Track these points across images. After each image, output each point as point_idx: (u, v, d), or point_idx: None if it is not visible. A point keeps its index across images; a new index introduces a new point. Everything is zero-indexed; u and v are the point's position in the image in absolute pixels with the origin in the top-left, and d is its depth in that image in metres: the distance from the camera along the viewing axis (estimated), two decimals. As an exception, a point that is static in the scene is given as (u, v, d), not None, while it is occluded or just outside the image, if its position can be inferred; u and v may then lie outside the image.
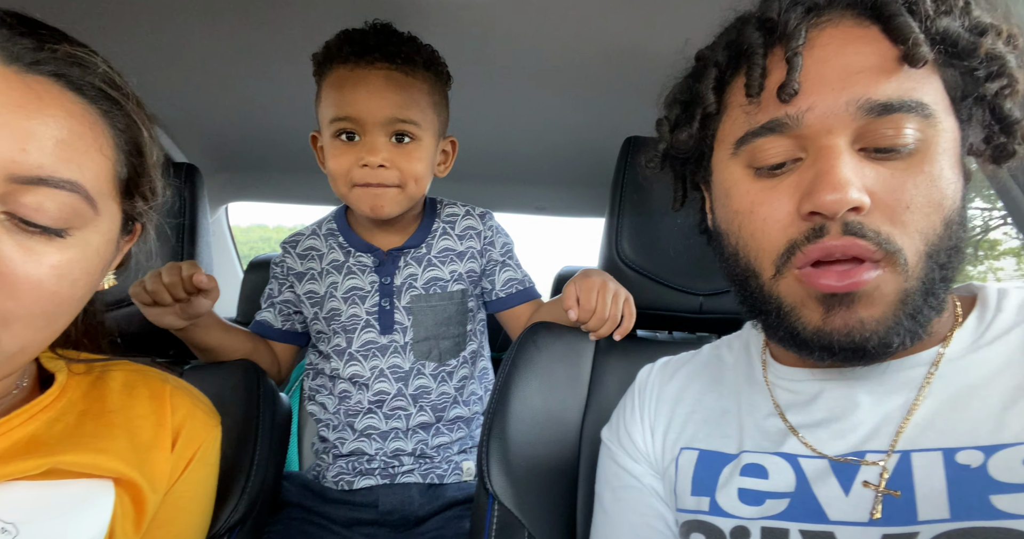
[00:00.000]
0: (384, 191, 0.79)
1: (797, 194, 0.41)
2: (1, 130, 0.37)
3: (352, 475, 0.87)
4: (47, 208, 0.39)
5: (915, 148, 0.39)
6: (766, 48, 0.43)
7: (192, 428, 0.55)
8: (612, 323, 0.71)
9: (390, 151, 0.78)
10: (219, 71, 0.99)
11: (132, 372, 0.55)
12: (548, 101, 1.09)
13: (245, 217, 3.89)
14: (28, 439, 0.45)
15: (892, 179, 0.40)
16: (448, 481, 0.88)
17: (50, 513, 0.44)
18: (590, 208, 1.68)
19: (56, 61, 0.41)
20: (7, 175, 0.37)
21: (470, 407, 0.92)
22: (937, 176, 0.39)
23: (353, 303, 0.87)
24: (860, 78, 0.40)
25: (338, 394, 0.89)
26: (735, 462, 0.48)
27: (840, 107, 0.40)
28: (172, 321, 0.73)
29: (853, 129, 0.40)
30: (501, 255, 0.90)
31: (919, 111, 0.39)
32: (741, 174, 0.45)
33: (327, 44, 0.79)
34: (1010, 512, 0.35)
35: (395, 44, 0.77)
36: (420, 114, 0.79)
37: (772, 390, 0.50)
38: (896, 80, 0.39)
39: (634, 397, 0.60)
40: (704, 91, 0.47)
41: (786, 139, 0.42)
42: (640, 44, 0.87)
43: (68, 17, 0.46)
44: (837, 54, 0.41)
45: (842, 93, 0.40)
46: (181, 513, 0.54)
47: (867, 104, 0.39)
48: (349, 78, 0.76)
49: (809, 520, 0.41)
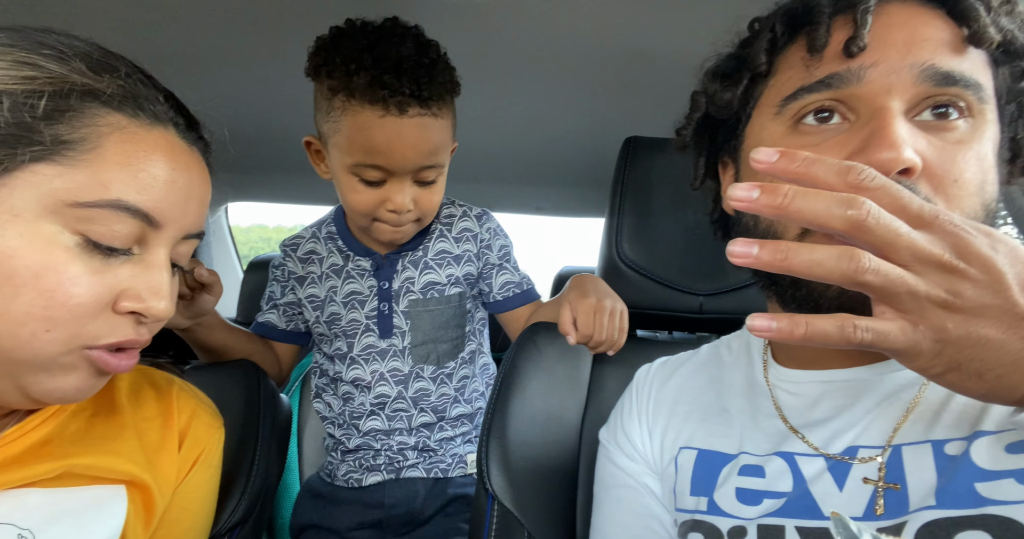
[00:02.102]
0: (406, 227, 0.80)
1: (843, 153, 0.40)
2: (193, 201, 0.47)
3: (360, 472, 0.89)
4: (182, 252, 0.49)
5: (967, 129, 0.39)
6: (834, 10, 0.42)
7: (197, 430, 0.56)
8: (608, 344, 0.69)
9: (415, 194, 0.76)
10: (219, 72, 0.99)
11: (137, 373, 0.56)
12: (548, 101, 1.09)
13: (245, 217, 3.89)
14: (42, 443, 0.45)
15: (943, 150, 0.39)
16: (452, 475, 0.89)
17: (65, 519, 0.44)
18: (590, 208, 1.68)
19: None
20: (185, 233, 0.47)
21: (472, 404, 0.93)
22: (984, 158, 0.40)
23: (353, 307, 0.88)
24: (927, 45, 0.39)
25: (342, 395, 0.90)
26: (734, 462, 0.48)
27: (904, 68, 0.39)
28: (176, 320, 0.73)
29: (912, 94, 0.39)
30: (499, 258, 0.90)
31: (977, 91, 0.39)
32: (782, 132, 0.44)
33: (346, 71, 0.69)
34: (993, 498, 0.35)
35: (427, 83, 0.69)
36: (445, 153, 0.77)
37: (773, 391, 0.49)
38: (961, 57, 0.40)
39: (632, 397, 0.60)
40: (756, 52, 0.46)
41: (839, 99, 0.41)
42: (641, 44, 0.87)
43: (70, 20, 0.46)
44: (905, 22, 0.41)
45: (907, 56, 0.39)
46: (185, 514, 0.54)
47: (931, 70, 0.39)
48: (380, 126, 0.69)
49: (805, 517, 0.41)
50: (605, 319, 0.68)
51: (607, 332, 0.68)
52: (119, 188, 0.40)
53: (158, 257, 0.44)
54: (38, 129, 0.38)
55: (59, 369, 0.41)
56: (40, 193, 0.38)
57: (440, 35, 0.76)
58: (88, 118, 0.40)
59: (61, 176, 0.39)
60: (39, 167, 0.38)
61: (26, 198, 0.38)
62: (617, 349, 0.71)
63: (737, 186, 0.29)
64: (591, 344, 0.69)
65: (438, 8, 0.80)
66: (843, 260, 0.28)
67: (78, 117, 0.40)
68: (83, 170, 0.39)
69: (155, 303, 0.43)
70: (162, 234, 0.44)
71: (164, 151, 0.44)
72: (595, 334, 0.67)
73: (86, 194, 0.39)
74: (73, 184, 0.39)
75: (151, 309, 0.43)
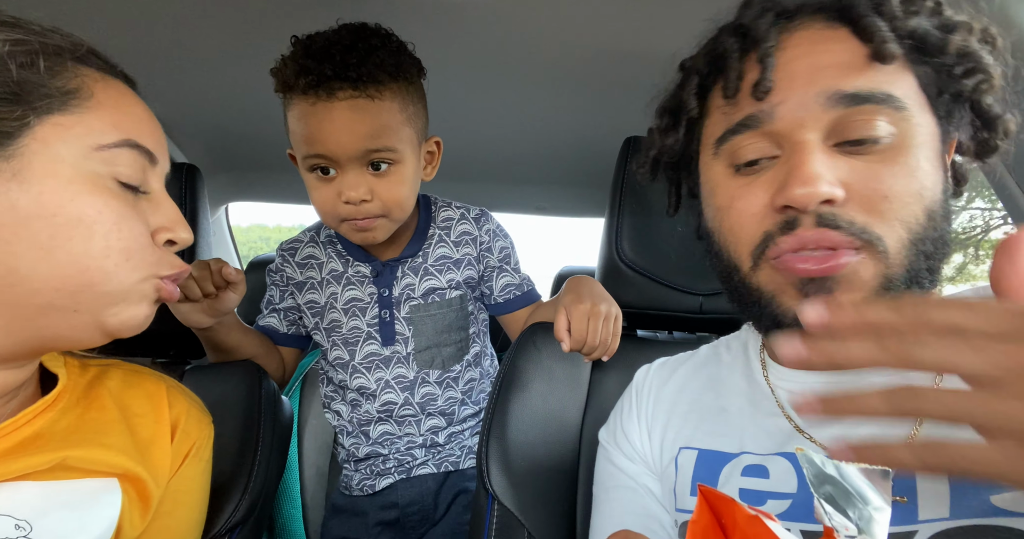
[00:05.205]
0: (371, 223, 0.76)
1: (772, 189, 0.43)
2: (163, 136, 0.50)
3: (373, 478, 0.90)
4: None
5: (890, 142, 0.40)
6: (741, 52, 0.45)
7: (188, 423, 0.57)
8: (602, 349, 0.68)
9: (369, 182, 0.73)
10: (220, 72, 0.99)
11: (129, 372, 0.56)
12: (548, 101, 1.09)
13: (245, 217, 3.88)
14: (35, 436, 0.46)
15: (868, 170, 0.40)
16: (464, 466, 0.90)
17: (61, 510, 0.45)
18: (590, 208, 1.68)
19: None
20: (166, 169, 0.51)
21: (480, 404, 0.94)
22: (914, 167, 0.40)
23: (354, 315, 0.87)
24: (829, 72, 0.41)
25: (349, 402, 0.91)
26: (735, 461, 0.47)
27: (810, 100, 0.41)
28: (200, 318, 0.74)
29: (825, 123, 0.41)
30: (499, 261, 0.89)
31: (890, 103, 0.40)
32: (722, 172, 0.46)
33: (282, 68, 0.71)
34: (1007, 509, 0.35)
35: (355, 65, 0.68)
36: (395, 137, 0.72)
37: (775, 391, 0.49)
38: (866, 75, 0.41)
39: (631, 397, 0.60)
40: (687, 97, 0.49)
41: (762, 136, 0.43)
42: (640, 44, 0.87)
43: (69, 17, 0.46)
44: (807, 53, 0.42)
45: (813, 86, 0.41)
46: (178, 506, 0.55)
47: (836, 95, 0.40)
48: (312, 113, 0.69)
49: (811, 520, 0.41)
50: (599, 324, 0.67)
51: (601, 337, 0.67)
52: (125, 128, 0.45)
53: (162, 192, 0.49)
54: (44, 83, 0.42)
55: (136, 297, 0.46)
56: (68, 142, 0.42)
57: (440, 36, 0.75)
58: (75, 72, 0.44)
59: (79, 123, 0.43)
60: (57, 118, 0.42)
61: (60, 148, 0.42)
62: (611, 354, 0.70)
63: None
64: (584, 350, 0.68)
65: (439, 8, 0.80)
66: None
67: (69, 71, 0.44)
68: (92, 116, 0.43)
69: (180, 231, 0.49)
70: (157, 170, 0.48)
71: (132, 94, 0.48)
72: (589, 339, 0.67)
73: (104, 137, 0.43)
74: (91, 130, 0.43)
75: (179, 236, 0.49)
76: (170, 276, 0.48)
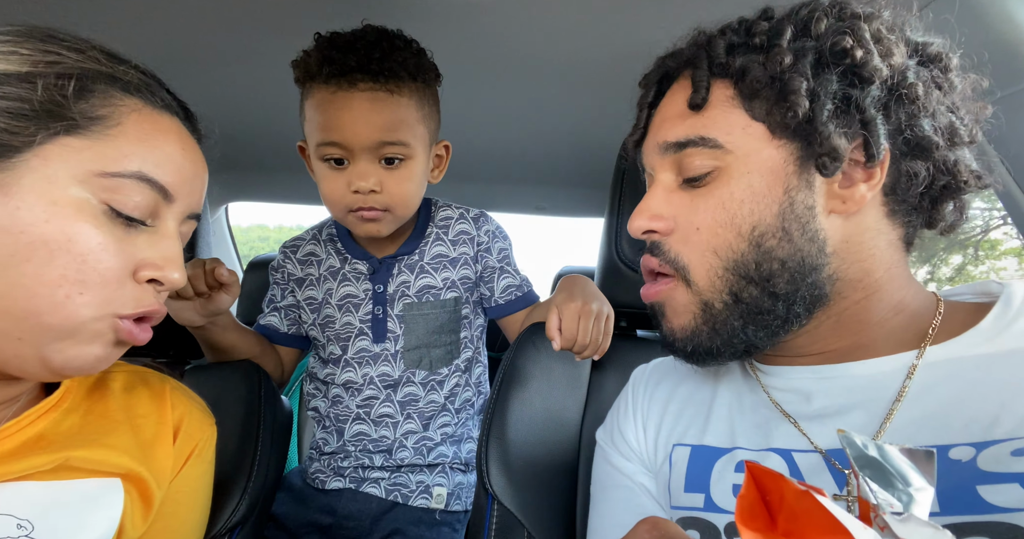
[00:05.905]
0: (378, 216, 0.77)
1: None
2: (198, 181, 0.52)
3: (326, 474, 0.89)
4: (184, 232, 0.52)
5: (713, 175, 0.46)
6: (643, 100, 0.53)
7: (190, 424, 0.57)
8: (593, 348, 0.68)
9: (380, 175, 0.75)
10: (220, 72, 0.99)
11: (131, 373, 0.57)
12: (548, 101, 1.09)
13: (245, 217, 3.89)
14: (37, 437, 0.46)
15: (689, 205, 0.47)
16: (413, 504, 0.86)
17: (63, 510, 0.45)
18: (590, 208, 1.68)
19: None
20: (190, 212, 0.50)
21: (459, 415, 0.91)
22: (727, 198, 0.45)
23: (347, 311, 0.87)
24: (664, 124, 0.49)
25: (331, 398, 0.90)
26: (728, 456, 0.48)
27: (654, 149, 0.49)
28: (192, 317, 0.74)
29: (668, 166, 0.48)
30: (499, 261, 0.89)
31: (705, 144, 0.45)
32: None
33: (305, 58, 0.74)
34: (998, 505, 0.35)
35: (378, 59, 0.71)
36: (409, 133, 0.74)
37: (766, 388, 0.50)
38: (688, 122, 0.47)
39: (628, 396, 0.60)
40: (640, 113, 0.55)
41: (647, 175, 0.53)
42: (641, 44, 0.87)
43: (72, 19, 0.46)
44: (664, 105, 0.50)
45: (655, 138, 0.49)
46: (179, 508, 0.55)
47: (664, 145, 0.48)
48: (331, 102, 0.72)
49: None
50: (590, 323, 0.67)
51: (591, 336, 0.67)
52: (139, 161, 0.44)
53: (170, 229, 0.47)
54: (68, 106, 0.42)
55: (86, 336, 0.43)
56: (70, 163, 0.41)
57: (441, 35, 0.76)
58: (110, 99, 0.44)
59: (89, 148, 0.42)
60: (69, 140, 0.42)
61: (58, 168, 0.41)
62: (601, 353, 0.70)
63: None
64: (575, 348, 0.68)
65: (440, 8, 0.81)
66: None
67: (102, 97, 0.44)
68: (108, 144, 0.43)
69: (171, 272, 0.46)
70: (173, 208, 0.47)
71: (175, 133, 0.48)
72: (579, 338, 0.67)
73: (111, 165, 0.43)
74: (100, 156, 0.42)
75: (168, 277, 0.46)
76: (131, 315, 0.44)
